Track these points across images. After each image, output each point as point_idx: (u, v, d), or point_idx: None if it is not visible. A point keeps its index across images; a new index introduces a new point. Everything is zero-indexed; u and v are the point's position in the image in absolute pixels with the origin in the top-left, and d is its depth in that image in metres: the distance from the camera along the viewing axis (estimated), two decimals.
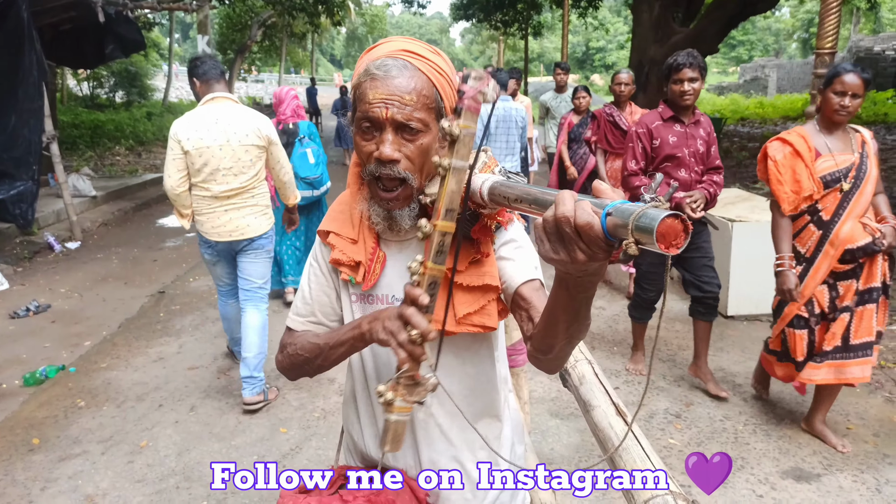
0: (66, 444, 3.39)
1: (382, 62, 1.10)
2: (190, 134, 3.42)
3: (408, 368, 1.02)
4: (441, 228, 1.01)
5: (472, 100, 0.98)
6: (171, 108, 22.39)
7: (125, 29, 9.31)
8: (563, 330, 0.96)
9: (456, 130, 0.98)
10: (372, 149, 1.11)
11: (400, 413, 1.05)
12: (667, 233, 0.63)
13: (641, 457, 1.01)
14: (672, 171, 3.59)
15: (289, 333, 1.36)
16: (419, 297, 1.00)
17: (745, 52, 48.48)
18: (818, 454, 3.16)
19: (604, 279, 5.69)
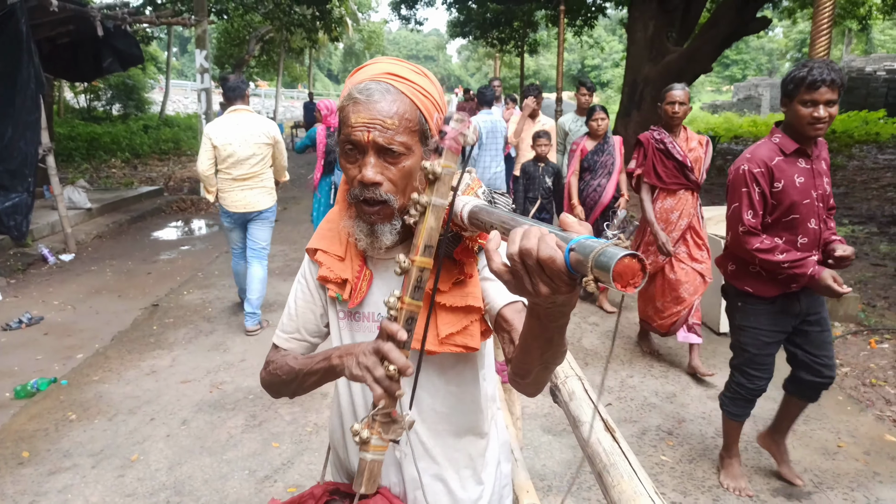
0: (56, 457, 3.37)
1: (365, 86, 1.11)
2: (218, 133, 4.78)
3: (384, 405, 1.01)
4: (419, 264, 1.02)
5: (453, 140, 0.99)
6: (168, 122, 22.44)
7: (123, 43, 9.35)
8: (538, 357, 0.97)
9: (438, 169, 1.00)
10: (355, 172, 1.13)
11: (376, 452, 1.04)
12: (624, 272, 0.63)
13: (628, 472, 1.02)
14: (800, 222, 2.71)
15: (274, 350, 1.37)
16: (397, 332, 1.01)
17: (739, 71, 48.91)
18: (809, 472, 3.16)
19: (598, 304, 5.64)
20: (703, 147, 4.22)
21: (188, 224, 9.83)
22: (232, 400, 3.98)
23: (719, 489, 3.04)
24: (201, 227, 9.62)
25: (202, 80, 11.44)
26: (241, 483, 3.13)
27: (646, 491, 0.96)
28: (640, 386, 4.12)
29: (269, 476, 3.19)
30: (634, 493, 0.96)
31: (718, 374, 4.27)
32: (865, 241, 7.64)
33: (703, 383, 4.14)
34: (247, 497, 3.02)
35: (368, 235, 1.18)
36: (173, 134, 19.86)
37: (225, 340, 4.97)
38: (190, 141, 19.09)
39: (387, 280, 1.25)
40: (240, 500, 2.99)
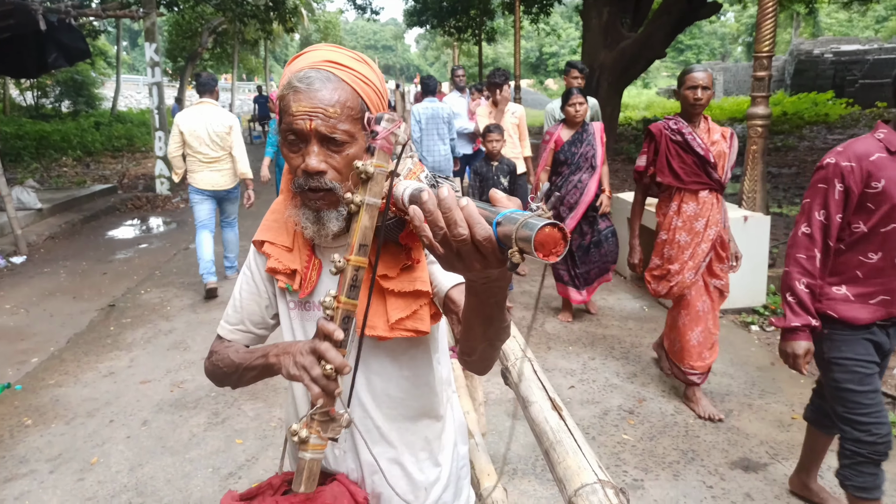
0: (11, 464, 3.29)
1: (305, 74, 1.10)
2: (185, 122, 5.57)
3: (322, 404, 1.02)
4: (354, 263, 1.02)
5: (384, 140, 1.00)
6: (121, 118, 21.88)
7: (68, 37, 9.07)
8: (481, 334, 0.98)
9: (370, 169, 1.00)
10: (299, 161, 1.12)
11: (314, 451, 1.04)
12: (545, 241, 0.64)
13: (574, 448, 1.04)
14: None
15: (218, 341, 1.38)
16: (333, 332, 1.01)
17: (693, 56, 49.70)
18: (765, 444, 3.26)
19: None
20: (726, 140, 3.53)
21: (144, 222, 9.62)
22: (193, 398, 3.93)
23: (679, 465, 3.12)
24: (158, 224, 9.43)
25: (153, 74, 11.18)
26: (204, 481, 3.10)
27: (589, 465, 0.98)
28: (602, 368, 4.19)
29: (233, 473, 3.16)
30: (579, 467, 0.98)
31: None
32: None
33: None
34: (211, 495, 2.99)
35: (315, 223, 1.17)
36: (126, 130, 19.37)
37: (185, 339, 4.89)
38: (144, 137, 18.65)
39: None
40: (204, 499, 2.96)
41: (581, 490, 0.94)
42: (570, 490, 0.97)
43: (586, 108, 4.65)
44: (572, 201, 4.69)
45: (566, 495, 0.98)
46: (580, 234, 4.79)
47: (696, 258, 3.51)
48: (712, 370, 4.08)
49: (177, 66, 25.01)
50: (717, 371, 4.06)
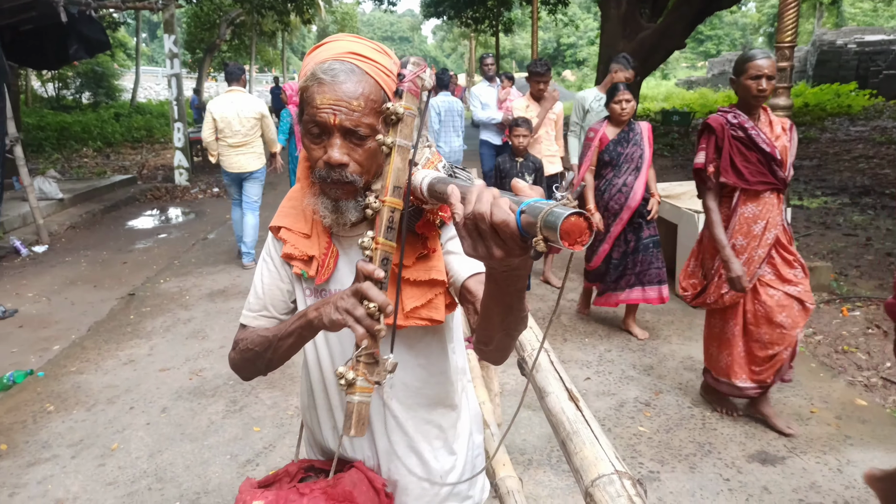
0: (35, 448, 3.35)
1: (329, 66, 1.10)
2: (217, 109, 6.06)
3: (367, 345, 1.02)
4: (389, 204, 1.03)
5: (411, 83, 1.01)
6: (140, 109, 22.06)
7: (89, 29, 9.14)
8: (499, 322, 0.98)
9: (399, 110, 1.01)
10: (320, 153, 1.12)
11: (362, 394, 1.04)
12: (571, 230, 0.65)
13: (591, 439, 1.04)
14: None
15: (241, 330, 1.36)
16: (373, 271, 1.01)
17: (713, 47, 49.09)
18: (782, 438, 3.24)
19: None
20: (787, 134, 3.23)
21: (163, 212, 9.71)
22: (212, 386, 3.97)
23: (695, 457, 3.10)
24: (177, 215, 9.52)
25: (172, 66, 11.25)
26: (222, 468, 3.13)
27: (606, 456, 0.98)
28: (618, 359, 4.17)
29: (250, 460, 3.20)
30: (596, 458, 0.98)
31: (695, 346, 4.34)
32: (838, 211, 7.77)
33: (678, 356, 4.20)
34: (229, 482, 3.03)
35: (333, 212, 1.17)
36: (145, 121, 19.53)
37: (203, 328, 4.94)
38: (163, 128, 18.79)
39: (353, 257, 1.25)
40: (222, 485, 3.00)
41: (598, 481, 0.93)
42: (586, 481, 0.96)
43: (634, 105, 4.28)
44: (616, 207, 4.30)
45: (583, 486, 0.98)
46: (624, 243, 4.37)
47: (751, 264, 3.19)
48: None
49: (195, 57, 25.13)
50: None
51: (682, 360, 4.13)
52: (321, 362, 1.34)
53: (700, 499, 2.81)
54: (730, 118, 3.18)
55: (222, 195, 10.74)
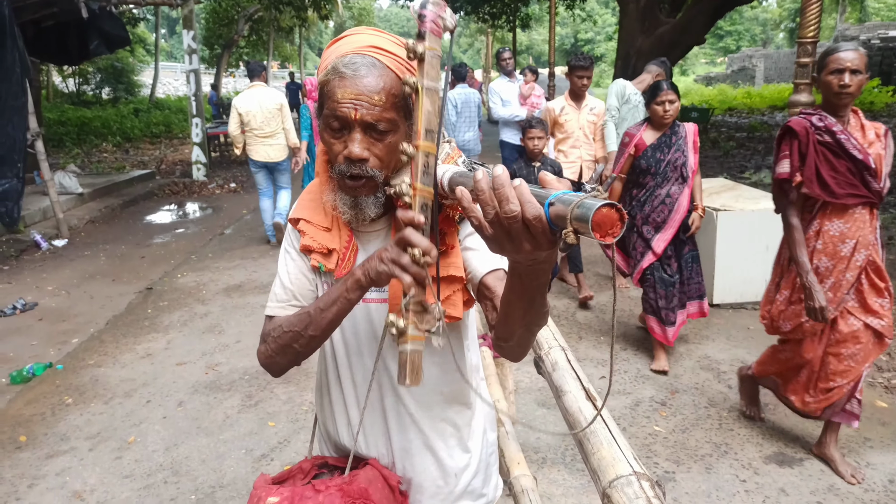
0: (53, 441, 3.39)
1: (350, 59, 1.09)
2: (241, 103, 6.59)
3: (415, 293, 0.99)
4: (423, 149, 1.00)
5: (433, 23, 0.97)
6: (159, 105, 22.25)
7: (109, 24, 9.23)
8: (520, 318, 0.97)
9: (420, 49, 0.98)
10: (340, 148, 1.11)
11: (414, 342, 1.00)
12: (603, 222, 0.64)
13: (608, 439, 1.03)
14: None
15: (268, 322, 1.31)
16: (414, 217, 0.98)
17: (733, 43, 48.58)
18: (801, 439, 3.20)
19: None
20: (882, 140, 2.82)
21: (181, 207, 9.79)
22: (227, 381, 4.00)
23: (711, 458, 3.07)
24: (194, 210, 9.59)
25: (190, 62, 11.33)
26: (237, 462, 3.15)
27: (624, 457, 0.97)
28: (634, 358, 4.14)
29: (265, 455, 3.21)
30: (613, 458, 0.97)
31: (711, 345, 4.30)
32: None
33: (695, 355, 4.16)
34: (244, 476, 3.04)
35: (352, 208, 1.16)
36: (164, 117, 19.69)
37: (220, 322, 4.97)
38: (181, 124, 18.93)
39: (371, 252, 1.24)
40: (237, 479, 3.02)
41: (616, 482, 0.92)
42: (604, 481, 0.95)
43: (678, 106, 3.85)
44: (659, 220, 3.88)
45: (600, 486, 0.97)
46: (667, 259, 3.97)
47: (838, 290, 2.81)
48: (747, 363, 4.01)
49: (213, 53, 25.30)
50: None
51: (698, 360, 4.09)
52: (337, 358, 1.33)
53: (716, 500, 2.78)
54: (814, 121, 2.78)
55: (239, 191, 10.80)
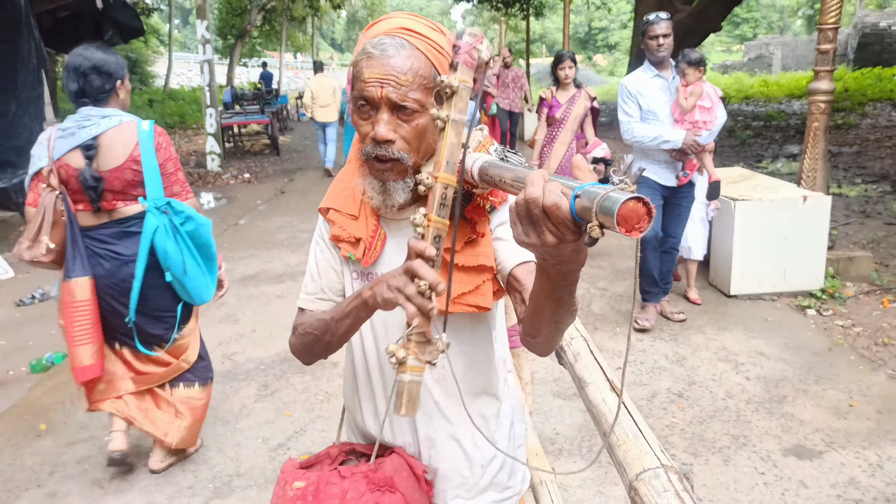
0: (73, 429, 3.42)
1: (380, 40, 1.08)
2: (313, 85, 10.73)
3: (418, 324, 0.99)
4: (442, 180, 1.00)
5: (467, 55, 0.97)
6: (173, 95, 22.33)
7: (123, 15, 9.25)
8: (549, 316, 0.96)
9: (455, 83, 0.97)
10: (368, 129, 1.11)
11: (413, 373, 1.01)
12: (629, 216, 0.62)
13: (634, 431, 1.02)
14: None
15: (300, 314, 1.35)
16: (425, 249, 0.98)
17: (750, 30, 47.97)
18: (820, 431, 3.17)
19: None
20: None
21: (196, 197, 9.82)
22: (244, 370, 4.02)
23: (730, 450, 3.05)
24: (209, 200, 9.62)
25: (204, 52, 11.34)
26: (254, 451, 3.17)
27: (651, 450, 0.95)
28: (651, 349, 4.12)
29: (282, 444, 3.23)
30: (640, 451, 0.95)
31: (728, 336, 4.26)
32: (879, 200, 7.55)
33: (712, 347, 4.13)
34: (260, 465, 3.06)
35: (381, 193, 1.16)
36: (178, 108, 19.77)
37: (235, 312, 4.99)
38: (195, 115, 18.99)
39: (400, 240, 1.23)
40: (254, 468, 3.03)
41: (643, 475, 0.91)
42: (630, 474, 0.94)
43: None
44: None
45: (626, 479, 0.96)
46: None
47: None
48: (765, 354, 3.98)
49: (227, 43, 25.33)
50: (772, 356, 3.95)
51: (715, 351, 4.06)
52: (365, 347, 1.33)
53: (734, 492, 2.76)
54: None
55: (253, 181, 10.84)
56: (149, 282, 2.68)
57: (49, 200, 2.53)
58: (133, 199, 2.65)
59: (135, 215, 2.66)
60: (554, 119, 5.55)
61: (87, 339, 2.62)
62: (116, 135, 2.58)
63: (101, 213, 2.63)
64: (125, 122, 2.62)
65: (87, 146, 2.54)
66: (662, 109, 4.14)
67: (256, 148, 14.94)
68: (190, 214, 2.75)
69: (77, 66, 2.54)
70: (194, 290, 2.80)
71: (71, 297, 2.58)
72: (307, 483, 1.19)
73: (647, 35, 4.12)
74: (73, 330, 2.60)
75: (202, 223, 2.80)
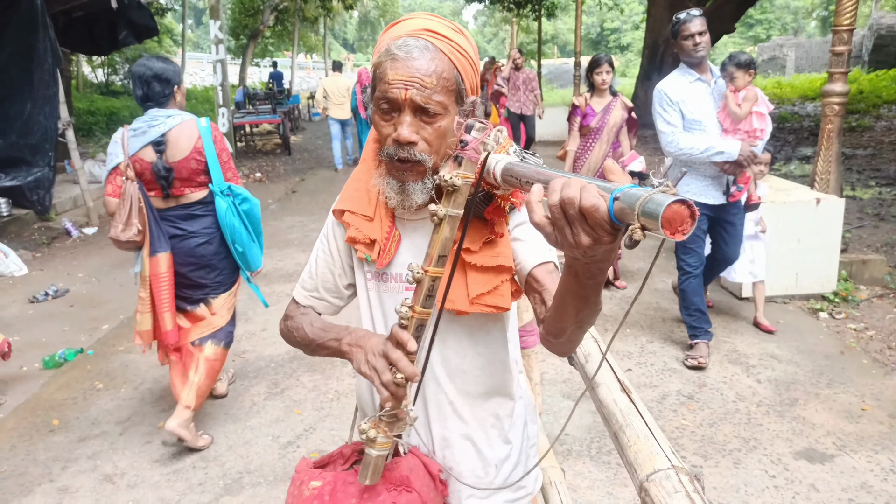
0: (85, 425, 3.45)
1: (404, 42, 1.09)
2: (327, 84, 11.51)
3: (390, 407, 1.05)
4: (432, 274, 1.02)
5: (473, 150, 0.98)
6: (186, 95, 22.42)
7: (137, 15, 9.33)
8: (573, 315, 0.96)
9: (458, 182, 0.98)
10: (390, 130, 1.11)
11: (381, 448, 1.09)
12: (673, 218, 0.62)
13: (644, 432, 1.01)
14: None
15: (293, 305, 1.39)
16: (407, 342, 1.02)
17: (763, 31, 47.60)
18: (832, 435, 3.14)
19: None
20: None
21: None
22: (254, 368, 4.04)
23: (740, 452, 3.03)
24: None
25: (217, 52, 11.38)
26: (264, 449, 3.19)
27: (662, 451, 0.95)
28: (661, 351, 4.10)
29: (291, 442, 3.24)
30: (651, 452, 0.95)
31: (739, 338, 4.23)
32: (893, 203, 7.48)
33: (723, 349, 4.11)
34: (270, 462, 3.07)
35: (399, 193, 1.16)
36: (191, 107, 19.85)
37: (246, 310, 5.01)
38: (208, 114, 19.08)
39: (415, 241, 1.24)
40: (263, 465, 3.05)
41: (654, 475, 0.91)
42: (641, 475, 0.94)
43: None
44: None
45: (637, 480, 0.96)
46: None
47: None
48: (776, 357, 3.95)
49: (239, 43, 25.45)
50: (783, 359, 3.93)
51: (726, 354, 4.03)
52: None
53: (745, 495, 2.75)
54: None
55: (265, 180, 10.89)
56: (217, 252, 3.17)
57: (133, 190, 2.93)
58: (196, 185, 3.06)
59: (198, 200, 3.08)
60: (588, 128, 5.00)
61: (168, 306, 3.11)
62: (181, 131, 2.96)
63: (169, 199, 3.05)
64: (186, 120, 3.00)
65: (158, 142, 2.94)
66: (708, 118, 3.70)
67: (268, 147, 15.00)
68: (246, 196, 3.17)
69: (141, 75, 2.96)
70: (252, 258, 3.26)
71: (157, 269, 3.04)
72: (324, 482, 1.20)
73: (681, 35, 3.71)
74: (160, 298, 3.08)
75: (254, 203, 3.23)
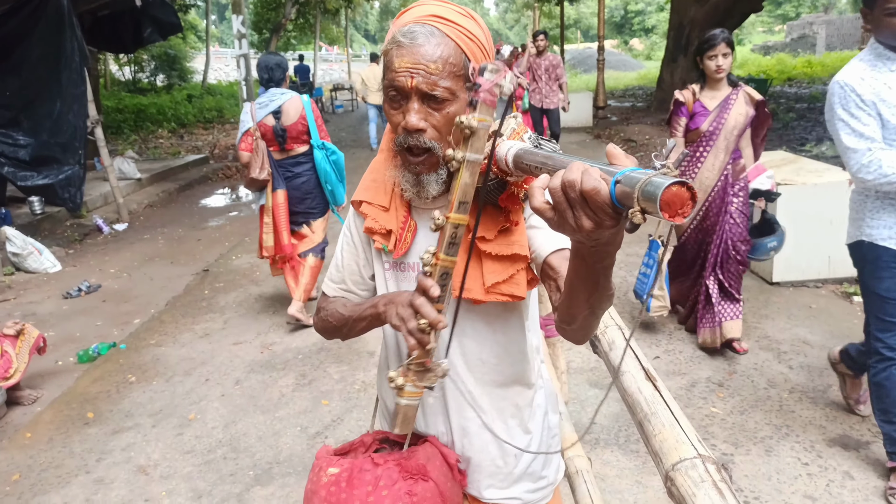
0: (118, 417, 3.52)
1: (409, 29, 1.08)
2: (364, 73, 12.27)
3: (417, 355, 1.06)
4: (454, 221, 1.01)
5: (488, 93, 0.96)
6: (211, 90, 22.67)
7: (161, 12, 9.42)
8: (584, 300, 0.95)
9: (474, 124, 0.97)
10: (399, 118, 1.11)
11: (410, 398, 1.09)
12: (672, 201, 0.60)
13: (670, 420, 1.00)
14: None
15: (323, 298, 1.41)
16: (430, 288, 1.03)
17: (792, 9, 46.48)
18: (867, 421, 3.08)
19: None
20: None
21: (234, 191, 9.99)
22: (282, 360, 4.08)
23: (772, 440, 2.99)
24: (247, 193, 9.75)
25: (240, 46, 11.46)
26: (293, 439, 3.22)
27: (688, 439, 0.93)
28: (689, 338, 4.05)
29: (319, 432, 3.27)
30: (677, 441, 0.93)
31: (771, 324, 4.16)
32: None
33: (753, 335, 4.04)
34: (299, 452, 3.11)
35: (414, 185, 1.17)
36: (216, 102, 20.08)
37: (274, 303, 5.07)
38: (232, 109, 19.27)
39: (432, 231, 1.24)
40: (293, 456, 3.08)
41: (680, 465, 0.89)
42: (667, 464, 0.92)
43: None
44: None
45: (663, 469, 0.94)
46: None
47: None
48: (809, 343, 3.88)
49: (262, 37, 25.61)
50: (816, 344, 3.85)
51: (757, 340, 3.97)
52: (398, 338, 1.34)
53: (777, 483, 2.71)
54: None
55: None
56: (314, 188, 4.43)
57: (262, 146, 4.19)
58: (301, 142, 4.30)
59: (302, 153, 4.33)
60: (698, 132, 3.70)
61: (285, 226, 4.34)
62: (291, 104, 4.19)
63: (283, 152, 4.30)
64: (294, 97, 4.24)
65: (276, 112, 4.16)
66: None
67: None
68: (334, 150, 4.40)
69: (266, 64, 4.23)
70: (338, 195, 4.53)
71: (277, 200, 4.29)
72: (341, 469, 1.21)
73: (886, 10, 2.33)
74: (279, 221, 4.31)
75: (340, 156, 4.43)
